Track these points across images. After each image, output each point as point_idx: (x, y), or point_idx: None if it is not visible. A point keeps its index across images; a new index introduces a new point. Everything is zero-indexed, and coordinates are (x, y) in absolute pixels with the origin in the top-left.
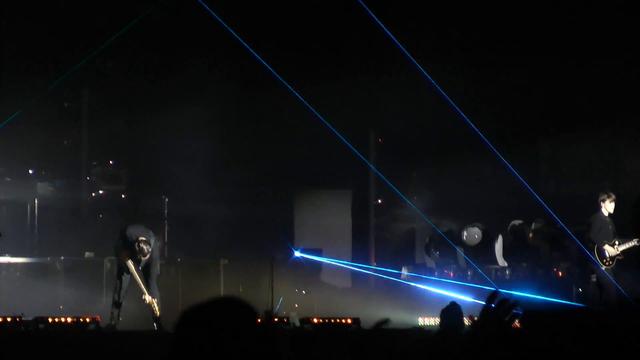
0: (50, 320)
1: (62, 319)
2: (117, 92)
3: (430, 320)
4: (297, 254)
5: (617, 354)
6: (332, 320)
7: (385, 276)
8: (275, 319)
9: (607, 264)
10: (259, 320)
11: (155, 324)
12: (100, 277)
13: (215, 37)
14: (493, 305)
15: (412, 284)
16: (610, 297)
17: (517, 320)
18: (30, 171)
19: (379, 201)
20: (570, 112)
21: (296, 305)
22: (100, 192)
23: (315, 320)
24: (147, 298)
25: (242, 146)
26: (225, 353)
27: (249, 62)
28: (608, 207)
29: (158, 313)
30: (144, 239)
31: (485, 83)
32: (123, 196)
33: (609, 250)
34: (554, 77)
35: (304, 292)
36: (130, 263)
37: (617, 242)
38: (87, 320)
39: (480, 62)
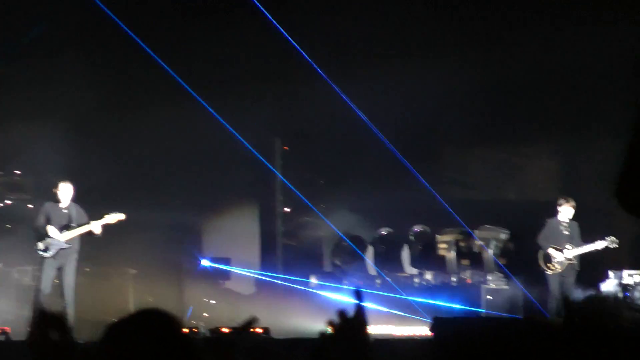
0: None
1: None
2: (20, 100)
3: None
4: (204, 263)
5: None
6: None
7: (293, 285)
8: (185, 329)
9: (551, 268)
10: (183, 331)
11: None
12: (8, 288)
13: (120, 45)
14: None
15: (321, 292)
16: (550, 303)
17: (428, 328)
18: None
19: (286, 209)
20: (475, 116)
21: (205, 315)
22: (7, 202)
23: (224, 330)
24: None
25: (147, 152)
26: None
27: (153, 67)
28: (565, 212)
29: None
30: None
31: (390, 87)
32: (29, 206)
33: (555, 255)
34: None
35: (212, 301)
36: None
37: (568, 247)
38: None
39: (383, 67)
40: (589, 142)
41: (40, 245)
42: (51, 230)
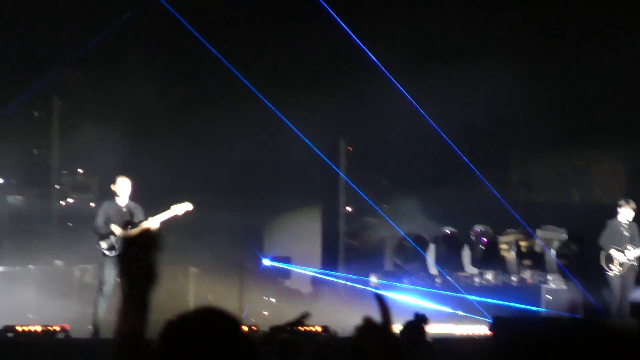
0: (19, 329)
1: (31, 328)
2: (87, 101)
3: (399, 328)
4: (266, 262)
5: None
6: (301, 328)
7: (354, 284)
8: (244, 327)
9: (613, 270)
10: (243, 330)
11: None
12: (69, 286)
13: (185, 48)
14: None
15: (381, 291)
16: (611, 304)
17: (487, 328)
18: (0, 180)
19: (349, 209)
20: (541, 119)
21: (264, 313)
22: (70, 200)
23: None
24: None
25: (211, 153)
26: None
27: (218, 68)
28: (626, 213)
29: None
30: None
31: (456, 90)
32: (92, 205)
33: (617, 256)
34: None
35: (273, 300)
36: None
37: (630, 248)
38: (57, 329)
39: (450, 71)
40: None
41: (104, 244)
42: (115, 228)
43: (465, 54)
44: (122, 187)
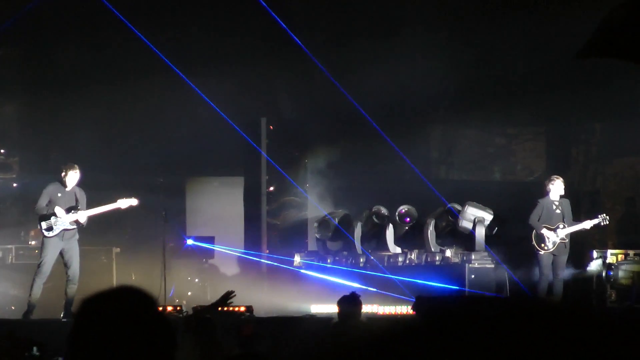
0: None
1: None
2: (6, 80)
3: (323, 308)
4: (189, 242)
5: (504, 338)
6: (225, 308)
7: (277, 264)
8: (169, 307)
9: (544, 248)
10: (159, 309)
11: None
12: None
13: (101, 23)
14: None
15: (305, 271)
16: (541, 282)
17: (410, 307)
18: None
19: (271, 188)
20: (461, 97)
21: (189, 294)
22: None
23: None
24: None
25: (133, 132)
26: (125, 340)
27: (136, 44)
28: (557, 189)
29: None
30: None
31: (377, 68)
32: (15, 185)
33: (548, 235)
34: (443, 61)
35: (196, 280)
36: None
37: (561, 226)
38: None
39: (368, 46)
40: (574, 124)
41: (44, 225)
42: (58, 210)
43: (384, 28)
44: (72, 179)
